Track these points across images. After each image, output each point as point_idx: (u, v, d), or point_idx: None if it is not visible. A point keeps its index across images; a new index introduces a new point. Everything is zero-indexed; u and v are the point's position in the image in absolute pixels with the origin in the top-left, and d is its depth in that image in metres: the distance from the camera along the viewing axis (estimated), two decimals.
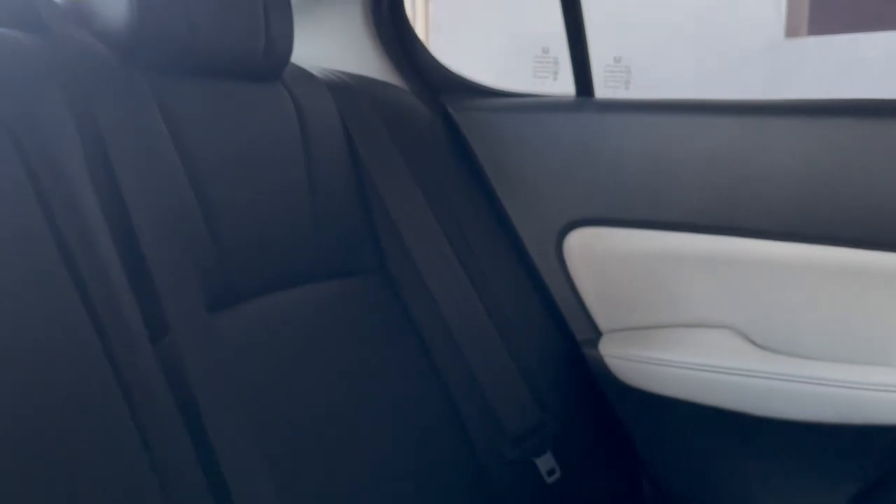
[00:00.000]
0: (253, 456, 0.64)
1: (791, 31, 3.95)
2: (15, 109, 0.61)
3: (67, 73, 0.66)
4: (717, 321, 0.98)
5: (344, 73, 1.02)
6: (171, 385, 0.61)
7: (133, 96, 0.70)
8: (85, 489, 0.54)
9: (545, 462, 0.92)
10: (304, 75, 0.92)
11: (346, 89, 0.96)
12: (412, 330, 0.90)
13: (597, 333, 1.05)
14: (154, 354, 0.61)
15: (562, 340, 1.05)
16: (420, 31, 4.48)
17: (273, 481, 0.64)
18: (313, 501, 0.71)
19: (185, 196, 0.72)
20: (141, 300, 0.63)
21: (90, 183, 0.63)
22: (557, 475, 0.92)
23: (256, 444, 0.65)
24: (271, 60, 0.83)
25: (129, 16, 0.70)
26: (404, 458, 0.82)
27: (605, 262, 1.02)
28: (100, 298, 0.59)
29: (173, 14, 0.72)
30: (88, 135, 0.65)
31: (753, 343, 0.96)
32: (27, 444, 0.53)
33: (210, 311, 0.69)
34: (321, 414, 0.76)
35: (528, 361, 0.96)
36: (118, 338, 0.58)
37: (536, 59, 4.27)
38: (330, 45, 1.14)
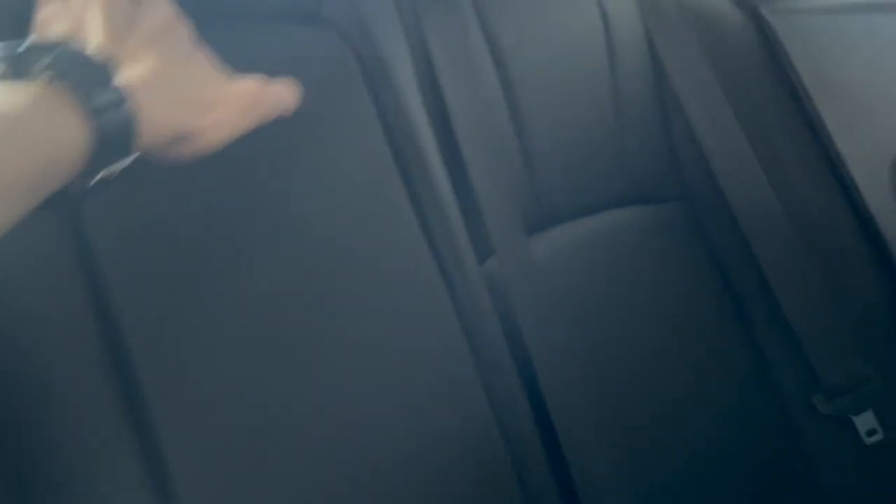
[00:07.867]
0: (572, 375, 0.65)
1: None
2: (350, 18, 0.65)
3: None
4: None
5: None
6: (494, 303, 0.63)
7: (454, 4, 0.72)
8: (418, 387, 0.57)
9: (865, 421, 0.82)
10: None
11: None
12: (715, 264, 0.85)
13: None
14: (481, 274, 0.63)
15: (894, 282, 0.91)
16: None
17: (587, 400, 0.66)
18: (627, 425, 0.72)
19: (501, 113, 0.73)
20: (467, 221, 0.65)
21: (418, 92, 0.65)
22: (879, 436, 0.82)
23: (574, 362, 0.66)
24: None
25: None
26: (705, 404, 0.78)
27: None
28: (433, 216, 0.61)
29: None
30: (414, 40, 0.69)
31: None
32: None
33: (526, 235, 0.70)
34: (624, 343, 0.75)
35: (853, 305, 0.85)
36: (450, 257, 0.61)
37: None
38: None
